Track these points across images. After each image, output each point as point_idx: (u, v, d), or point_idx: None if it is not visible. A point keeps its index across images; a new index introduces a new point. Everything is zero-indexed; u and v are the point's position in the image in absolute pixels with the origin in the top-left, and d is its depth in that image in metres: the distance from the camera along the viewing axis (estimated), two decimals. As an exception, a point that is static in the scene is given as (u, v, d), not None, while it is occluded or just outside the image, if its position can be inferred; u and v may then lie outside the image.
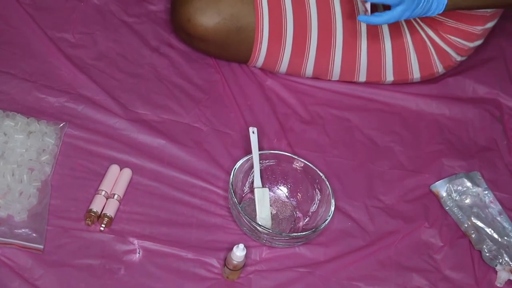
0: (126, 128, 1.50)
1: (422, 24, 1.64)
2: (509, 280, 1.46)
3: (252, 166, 1.45)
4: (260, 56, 1.62)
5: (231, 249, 1.33)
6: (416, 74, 1.68)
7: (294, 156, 1.48)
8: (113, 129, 1.49)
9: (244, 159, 1.44)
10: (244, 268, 1.35)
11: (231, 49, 1.62)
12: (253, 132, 1.47)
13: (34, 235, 1.30)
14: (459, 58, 1.69)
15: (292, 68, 1.65)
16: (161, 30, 1.70)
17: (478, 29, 1.63)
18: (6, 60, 1.55)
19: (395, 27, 1.63)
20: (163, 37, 1.70)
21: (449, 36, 1.64)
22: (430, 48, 1.65)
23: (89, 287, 1.28)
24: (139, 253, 1.34)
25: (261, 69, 1.68)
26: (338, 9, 1.61)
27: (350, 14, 1.61)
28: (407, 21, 1.64)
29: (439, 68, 1.69)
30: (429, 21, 1.63)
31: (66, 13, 1.67)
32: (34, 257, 1.29)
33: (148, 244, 1.35)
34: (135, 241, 1.35)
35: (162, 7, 1.74)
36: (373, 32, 1.63)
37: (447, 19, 1.61)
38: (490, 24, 1.64)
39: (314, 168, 1.46)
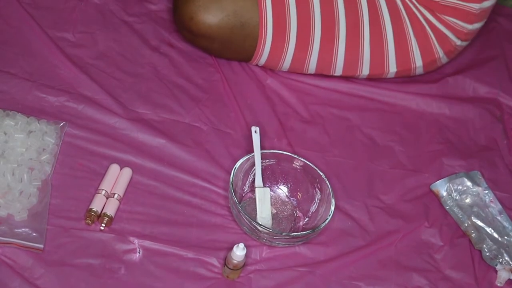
0: (126, 128, 1.50)
1: (418, 5, 1.64)
2: (509, 279, 1.46)
3: (252, 166, 1.45)
4: (264, 51, 1.62)
5: (231, 248, 1.33)
6: (418, 61, 1.67)
7: (294, 156, 1.48)
8: (113, 128, 1.49)
9: (244, 158, 1.44)
10: (244, 267, 1.35)
11: (235, 46, 1.62)
12: (255, 132, 1.47)
13: (34, 234, 1.30)
14: (459, 42, 1.68)
15: (296, 64, 1.65)
16: (161, 29, 1.71)
17: (475, 7, 1.62)
18: (6, 60, 1.55)
19: (395, 14, 1.63)
20: (163, 36, 1.70)
21: (446, 17, 1.63)
22: (429, 32, 1.65)
23: (89, 287, 1.28)
24: (139, 252, 1.34)
25: (263, 67, 1.68)
26: (341, 2, 1.61)
27: (352, 5, 1.61)
28: (406, 6, 1.64)
29: (440, 53, 1.68)
30: (425, 1, 1.63)
31: (66, 12, 1.67)
32: (34, 257, 1.29)
33: (148, 243, 1.35)
34: (135, 241, 1.35)
35: (162, 6, 1.75)
36: (375, 20, 1.62)
37: None
38: (487, 3, 1.63)
39: (314, 167, 1.46)
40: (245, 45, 1.61)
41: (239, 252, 1.31)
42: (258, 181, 1.45)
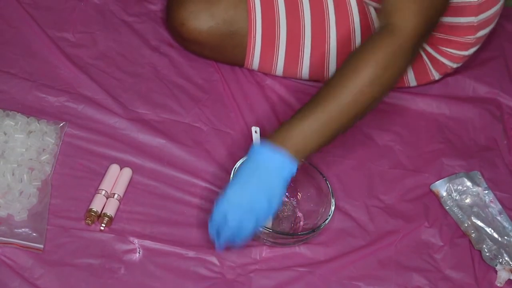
0: (126, 128, 1.50)
1: None
2: (509, 279, 1.46)
3: (252, 166, 1.45)
4: (254, 60, 1.63)
5: (230, 248, 1.33)
6: (412, 82, 1.69)
7: (294, 156, 1.48)
8: (113, 128, 1.49)
9: (244, 158, 1.44)
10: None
11: (226, 53, 1.63)
12: (255, 132, 1.47)
13: (34, 234, 1.30)
14: (455, 66, 1.68)
15: (288, 72, 1.65)
16: (161, 29, 1.71)
17: (470, 38, 1.62)
18: (6, 60, 1.55)
19: None
20: (163, 36, 1.70)
21: (442, 47, 1.63)
22: (424, 59, 1.65)
23: (89, 287, 1.28)
24: (139, 252, 1.34)
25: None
26: (332, 14, 1.61)
27: (343, 19, 1.61)
28: None
29: (435, 76, 1.69)
30: None
31: (66, 12, 1.67)
32: (34, 257, 1.29)
33: (148, 243, 1.35)
34: (135, 241, 1.35)
35: (162, 6, 1.74)
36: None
37: (435, 33, 1.60)
38: (482, 32, 1.63)
39: (314, 167, 1.46)
40: (235, 52, 1.62)
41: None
42: (258, 181, 1.45)
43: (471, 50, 1.66)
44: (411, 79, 1.68)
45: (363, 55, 1.28)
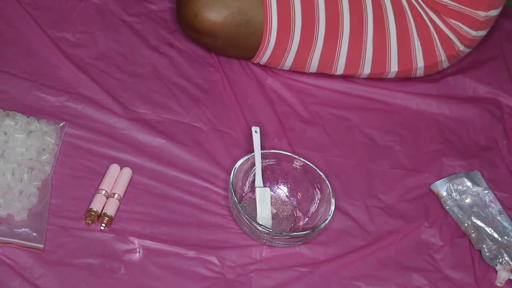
0: (126, 128, 1.50)
1: (424, 6, 1.64)
2: (509, 279, 1.46)
3: (252, 166, 1.45)
4: (268, 48, 1.62)
5: (231, 248, 1.33)
6: (420, 62, 1.67)
7: (294, 156, 1.48)
8: (113, 128, 1.49)
9: (244, 158, 1.44)
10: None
11: (240, 43, 1.62)
12: (255, 132, 1.47)
13: (34, 234, 1.30)
14: (462, 48, 1.68)
15: (298, 62, 1.65)
16: (161, 29, 1.71)
17: (481, 15, 1.63)
18: (6, 60, 1.55)
19: (399, 13, 1.63)
20: (164, 36, 1.70)
21: (451, 20, 1.63)
22: (433, 33, 1.65)
23: (89, 286, 1.28)
24: (139, 252, 1.34)
25: (264, 66, 1.68)
26: (346, 3, 1.61)
27: (357, 2, 1.61)
28: (411, 6, 1.64)
29: (443, 56, 1.68)
30: (432, 3, 1.63)
31: (66, 12, 1.67)
32: (34, 256, 1.29)
33: (148, 243, 1.35)
34: (135, 240, 1.35)
35: (162, 6, 1.75)
36: (379, 18, 1.62)
37: (449, 2, 1.61)
38: (493, 12, 1.64)
39: (314, 167, 1.46)
40: (249, 42, 1.61)
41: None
42: (258, 181, 1.45)
43: (479, 32, 1.66)
44: (419, 57, 1.67)
45: None
